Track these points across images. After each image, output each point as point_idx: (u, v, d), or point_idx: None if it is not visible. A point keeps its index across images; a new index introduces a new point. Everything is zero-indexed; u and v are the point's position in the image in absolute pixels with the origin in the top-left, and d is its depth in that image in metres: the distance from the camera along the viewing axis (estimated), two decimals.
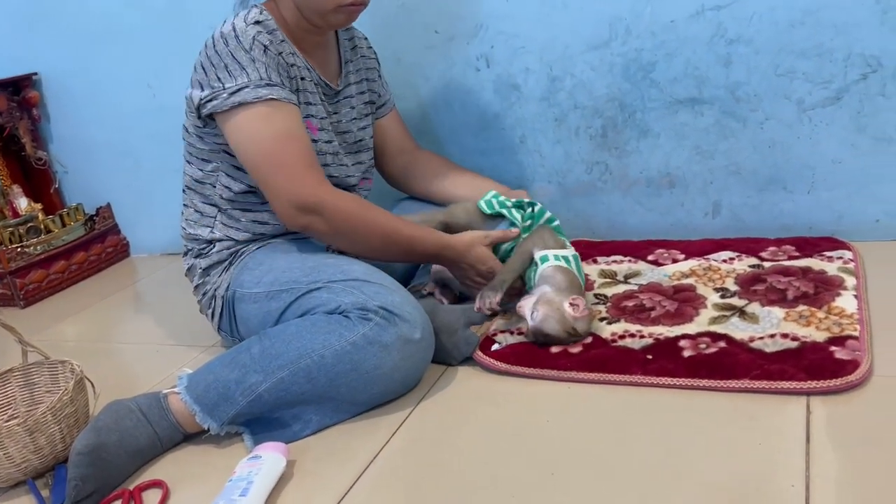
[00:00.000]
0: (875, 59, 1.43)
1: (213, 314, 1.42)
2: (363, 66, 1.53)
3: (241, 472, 1.04)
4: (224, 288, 1.38)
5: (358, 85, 1.51)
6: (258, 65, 1.24)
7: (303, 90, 1.35)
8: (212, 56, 1.25)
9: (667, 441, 1.03)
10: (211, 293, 1.41)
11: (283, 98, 1.25)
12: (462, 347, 1.29)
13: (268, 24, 1.29)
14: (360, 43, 1.54)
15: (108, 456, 1.10)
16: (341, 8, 1.29)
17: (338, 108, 1.45)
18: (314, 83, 1.37)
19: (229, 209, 1.40)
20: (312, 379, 1.15)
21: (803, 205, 1.58)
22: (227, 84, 1.24)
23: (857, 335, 1.17)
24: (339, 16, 1.31)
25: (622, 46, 1.60)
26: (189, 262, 1.46)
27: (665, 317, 1.33)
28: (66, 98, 2.24)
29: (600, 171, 1.72)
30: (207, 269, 1.41)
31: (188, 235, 1.45)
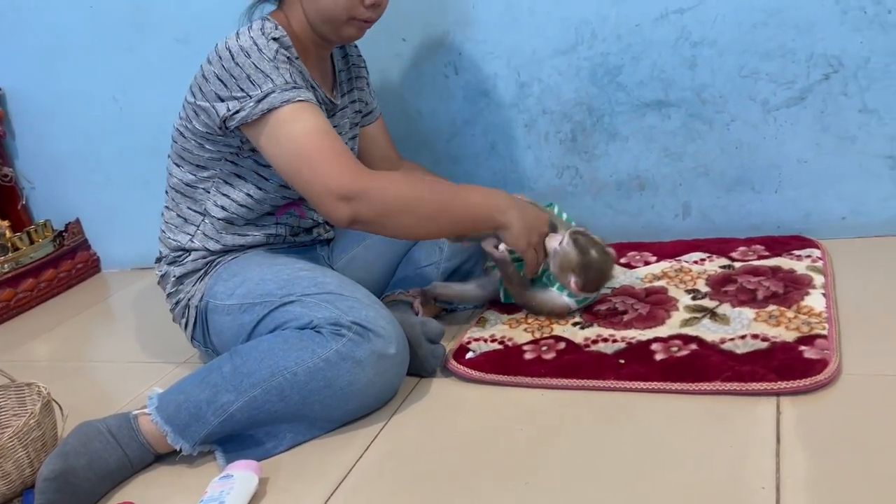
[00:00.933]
0: (836, 59, 1.45)
1: (186, 324, 1.40)
2: (354, 76, 1.52)
3: (213, 492, 1.03)
4: (198, 298, 1.36)
5: (350, 95, 1.49)
6: (282, 71, 1.22)
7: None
8: (232, 68, 1.21)
9: (639, 446, 1.04)
10: (184, 302, 1.39)
11: (311, 99, 1.23)
12: (429, 361, 1.28)
13: (284, 41, 1.27)
14: (350, 51, 1.52)
15: (76, 480, 1.08)
16: (353, 21, 1.28)
17: (337, 122, 1.43)
18: (319, 101, 1.35)
19: (216, 219, 1.38)
20: (285, 397, 1.14)
21: (771, 204, 1.59)
22: (253, 93, 1.20)
23: (825, 334, 1.18)
24: (350, 29, 1.30)
25: (589, 51, 1.60)
26: (162, 269, 1.44)
27: (637, 320, 1.34)
28: (32, 113, 2.21)
29: (571, 176, 1.72)
30: (181, 278, 1.40)
31: (165, 239, 1.43)
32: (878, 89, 1.44)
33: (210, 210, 1.38)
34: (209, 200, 1.38)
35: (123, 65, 2.00)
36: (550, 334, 1.34)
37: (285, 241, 1.45)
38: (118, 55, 2.00)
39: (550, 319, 1.39)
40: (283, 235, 1.44)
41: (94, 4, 1.98)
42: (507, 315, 1.44)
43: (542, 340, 1.33)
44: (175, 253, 1.42)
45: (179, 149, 1.37)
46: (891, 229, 1.52)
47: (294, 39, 1.30)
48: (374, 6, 1.28)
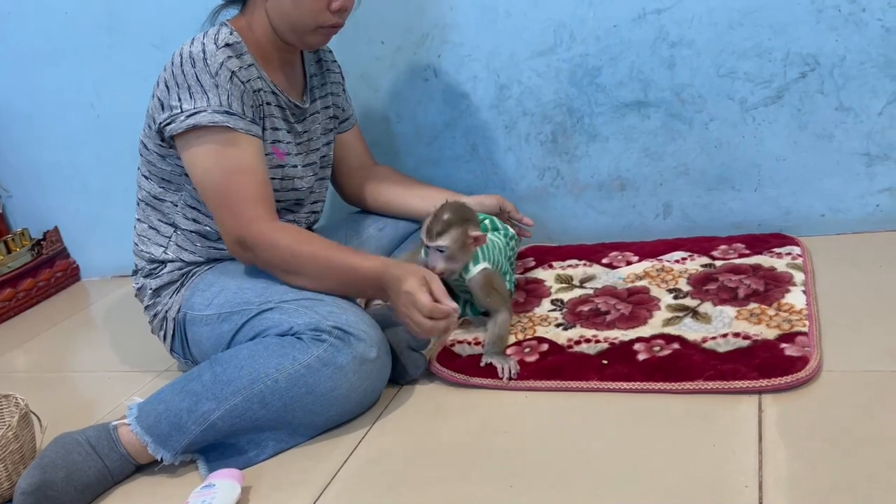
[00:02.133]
0: (812, 57, 1.46)
1: (164, 336, 1.39)
2: (328, 81, 1.51)
3: (194, 501, 1.02)
4: (175, 310, 1.35)
5: (323, 100, 1.49)
6: (221, 91, 1.22)
7: (269, 116, 1.32)
8: (177, 75, 1.23)
9: (622, 446, 1.04)
10: (162, 315, 1.38)
11: (241, 129, 1.23)
12: (410, 370, 1.27)
13: (237, 47, 1.27)
14: (325, 56, 1.52)
15: (54, 493, 1.06)
16: (320, 29, 1.28)
17: (307, 126, 1.43)
18: (280, 106, 1.35)
19: (188, 231, 1.37)
20: (266, 404, 1.13)
21: (751, 202, 1.60)
22: (186, 106, 1.22)
23: (806, 331, 1.19)
24: (316, 37, 1.30)
25: (567, 52, 1.61)
26: (139, 281, 1.42)
27: (620, 320, 1.34)
28: (8, 121, 2.18)
29: (552, 177, 1.72)
30: (158, 290, 1.39)
31: (139, 252, 1.42)
32: (854, 87, 1.45)
33: (180, 223, 1.37)
34: (178, 213, 1.37)
35: (99, 71, 1.98)
36: (533, 335, 1.34)
37: None
38: (94, 61, 1.98)
39: (533, 321, 1.39)
40: None
41: (68, 10, 1.95)
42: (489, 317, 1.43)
43: (525, 342, 1.33)
44: (150, 265, 1.40)
45: (145, 161, 1.37)
46: (868, 226, 1.53)
47: (254, 45, 1.30)
48: (340, 11, 1.27)
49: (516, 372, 1.24)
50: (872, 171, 1.50)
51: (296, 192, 1.40)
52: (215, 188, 1.24)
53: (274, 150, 1.34)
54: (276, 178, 1.35)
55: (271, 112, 1.33)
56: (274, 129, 1.34)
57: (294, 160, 1.39)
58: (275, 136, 1.34)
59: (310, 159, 1.43)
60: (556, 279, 1.55)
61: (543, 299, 1.48)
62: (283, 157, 1.36)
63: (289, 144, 1.37)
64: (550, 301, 1.47)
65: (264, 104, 1.31)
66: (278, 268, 1.25)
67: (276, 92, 1.34)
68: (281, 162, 1.35)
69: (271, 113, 1.33)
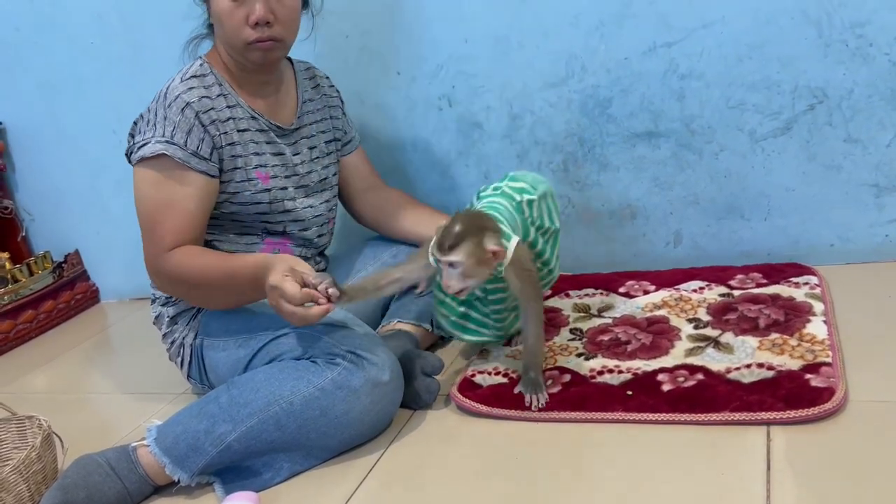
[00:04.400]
0: (820, 90, 1.48)
1: (182, 362, 1.42)
2: (326, 105, 1.54)
3: None
4: (192, 336, 1.38)
5: (319, 124, 1.51)
6: (168, 122, 1.27)
7: (246, 142, 1.35)
8: (144, 111, 1.32)
9: (632, 474, 1.05)
10: (179, 342, 1.41)
11: (180, 158, 1.26)
12: (423, 396, 1.29)
13: (206, 78, 1.33)
14: (322, 82, 1.55)
15: None
16: (249, 45, 1.30)
17: (298, 149, 1.45)
18: (261, 130, 1.38)
19: None
20: (282, 426, 1.15)
21: (761, 231, 1.62)
22: (137, 138, 1.30)
23: (830, 362, 1.19)
24: (253, 53, 1.32)
25: (579, 83, 1.64)
26: (157, 310, 1.46)
27: (641, 350, 1.34)
28: (32, 146, 2.24)
29: (563, 205, 1.75)
30: (175, 318, 1.42)
31: (153, 285, 1.45)
32: (862, 119, 1.48)
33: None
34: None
35: (121, 99, 2.03)
36: (555, 365, 1.35)
37: None
38: (116, 90, 2.04)
39: (553, 350, 1.40)
40: None
41: (94, 41, 2.01)
42: (509, 347, 1.45)
43: (546, 372, 1.33)
44: (166, 294, 1.44)
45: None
46: (878, 256, 1.54)
47: (226, 73, 1.36)
48: (259, 24, 1.28)
49: (545, 402, 1.23)
50: (881, 202, 1.52)
51: (289, 213, 1.42)
52: (144, 217, 1.29)
53: (257, 175, 1.37)
54: (264, 202, 1.38)
55: (251, 138, 1.36)
56: (256, 154, 1.37)
57: (283, 182, 1.41)
58: (258, 160, 1.37)
59: (303, 181, 1.45)
60: (573, 308, 1.57)
61: (562, 328, 1.49)
62: (268, 181, 1.38)
63: (275, 167, 1.40)
64: (569, 330, 1.48)
65: (235, 131, 1.34)
66: (179, 292, 1.30)
67: (255, 116, 1.37)
68: (266, 186, 1.38)
69: (251, 139, 1.36)
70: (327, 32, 1.78)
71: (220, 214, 1.38)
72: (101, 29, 2.00)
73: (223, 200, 1.36)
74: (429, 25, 1.71)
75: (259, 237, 1.42)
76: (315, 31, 1.53)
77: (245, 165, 1.35)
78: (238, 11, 1.28)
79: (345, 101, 1.62)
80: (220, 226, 1.39)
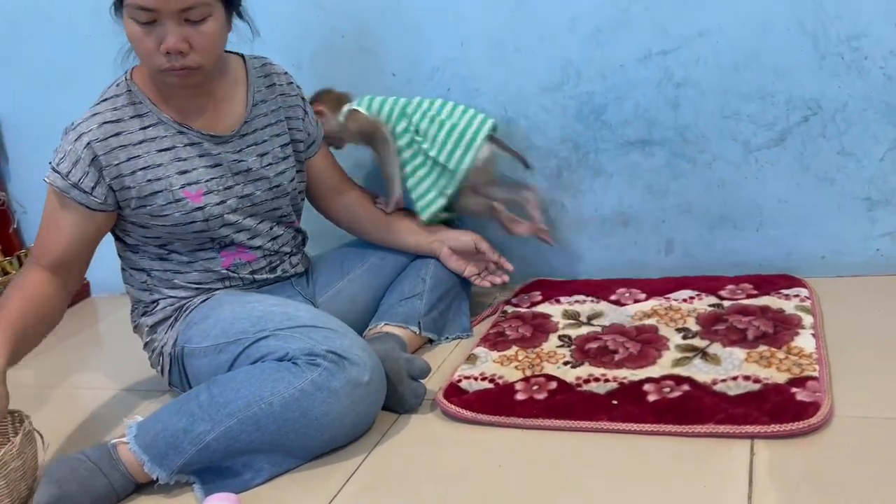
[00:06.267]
0: (815, 101, 1.48)
1: (162, 370, 1.41)
2: (282, 105, 1.44)
3: None
4: (171, 344, 1.37)
5: (273, 127, 1.42)
6: (60, 152, 1.29)
7: (164, 163, 1.31)
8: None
9: (614, 484, 1.05)
10: (159, 350, 1.40)
11: (59, 188, 1.28)
12: (409, 400, 1.29)
13: (118, 99, 1.31)
14: (278, 80, 1.44)
15: None
16: (162, 72, 1.24)
17: (243, 157, 1.37)
18: (191, 143, 1.33)
19: (158, 273, 1.40)
20: (261, 427, 1.14)
21: (753, 242, 1.61)
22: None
23: (816, 376, 1.18)
24: (169, 77, 1.25)
25: (574, 89, 1.63)
26: (136, 320, 1.45)
27: (629, 360, 1.34)
28: (26, 139, 2.23)
29: (556, 210, 1.74)
30: (154, 327, 1.41)
31: (130, 296, 1.45)
32: (856, 133, 1.47)
33: (148, 267, 1.41)
34: (142, 260, 1.41)
35: None
36: (542, 372, 1.34)
37: (244, 284, 1.44)
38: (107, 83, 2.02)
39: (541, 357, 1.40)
40: (240, 279, 1.43)
41: (90, 34, 2.01)
42: (497, 352, 1.44)
43: (532, 379, 1.32)
44: (144, 305, 1.43)
45: None
46: (869, 269, 1.54)
47: (151, 87, 1.32)
48: (170, 54, 1.20)
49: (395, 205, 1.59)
50: (874, 216, 1.51)
51: (231, 226, 1.37)
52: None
53: (185, 195, 1.32)
54: (199, 220, 1.33)
55: (177, 155, 1.31)
56: (182, 173, 1.32)
57: (223, 195, 1.35)
58: (185, 178, 1.32)
59: (247, 190, 1.38)
60: (563, 315, 1.56)
61: (551, 334, 1.49)
62: (200, 199, 1.33)
63: (211, 181, 1.34)
64: (558, 336, 1.47)
65: (154, 152, 1.30)
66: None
67: (182, 130, 1.32)
68: (198, 204, 1.32)
69: (177, 156, 1.31)
70: (322, 32, 1.78)
71: (163, 236, 1.36)
72: (97, 23, 1.99)
73: (155, 224, 1.33)
74: (425, 27, 1.70)
75: (213, 250, 1.40)
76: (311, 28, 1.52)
77: (168, 187, 1.31)
78: (148, 39, 1.20)
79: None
80: (168, 245, 1.38)
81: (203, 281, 1.40)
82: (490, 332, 1.55)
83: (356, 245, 1.65)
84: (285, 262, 1.49)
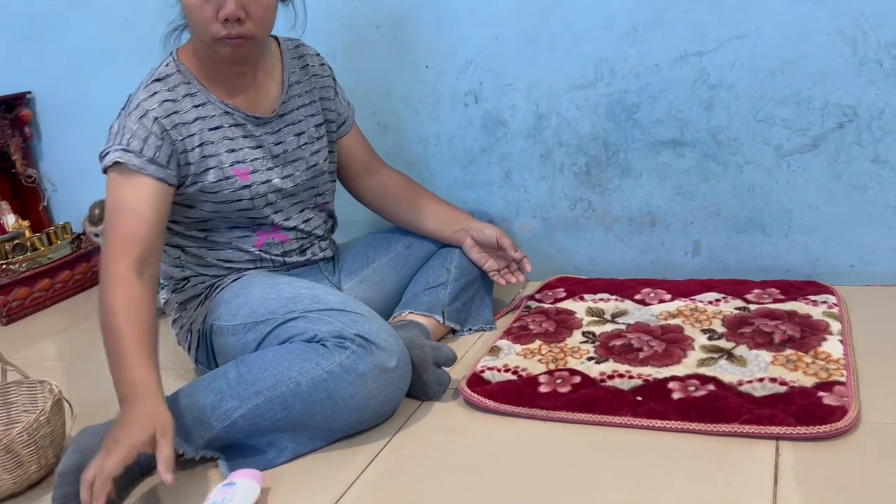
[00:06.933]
0: (851, 109, 1.47)
1: (189, 347, 1.43)
2: (316, 86, 1.48)
3: (215, 498, 1.05)
4: (200, 321, 1.39)
5: (308, 107, 1.46)
6: (126, 131, 1.26)
7: (214, 141, 1.33)
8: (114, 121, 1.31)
9: (635, 479, 1.05)
10: (187, 327, 1.42)
11: (135, 166, 1.25)
12: (433, 387, 1.29)
13: (171, 79, 1.32)
14: (311, 61, 1.49)
15: None
16: (217, 40, 1.26)
17: (282, 137, 1.41)
18: (237, 124, 1.36)
19: (193, 249, 1.42)
20: (287, 406, 1.15)
21: (781, 247, 1.61)
22: (104, 149, 1.28)
23: (844, 381, 1.18)
24: (222, 48, 1.27)
25: (607, 87, 1.63)
26: (165, 296, 1.47)
27: (653, 358, 1.34)
28: (59, 118, 2.26)
29: (583, 208, 1.74)
30: (184, 304, 1.43)
31: (163, 273, 1.46)
32: (891, 141, 1.46)
33: (181, 244, 1.42)
34: (178, 237, 1.42)
35: None
36: (565, 366, 1.35)
37: (275, 265, 1.46)
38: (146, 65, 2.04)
39: (564, 352, 1.40)
40: (271, 260, 1.45)
41: (127, 16, 2.03)
42: (520, 345, 1.45)
43: (556, 372, 1.33)
44: (174, 282, 1.45)
45: None
46: None
47: (198, 68, 1.33)
48: (228, 21, 1.23)
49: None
50: None
51: (272, 206, 1.40)
52: (106, 221, 1.27)
53: (235, 172, 1.35)
54: (245, 199, 1.36)
55: (225, 134, 1.34)
56: (231, 151, 1.35)
57: (266, 175, 1.38)
58: (234, 157, 1.35)
59: (287, 171, 1.41)
60: (587, 312, 1.56)
61: (575, 330, 1.49)
62: (247, 177, 1.36)
63: (255, 161, 1.37)
64: (582, 333, 1.47)
65: (206, 130, 1.32)
66: (100, 314, 1.22)
67: (228, 111, 1.35)
68: (245, 182, 1.36)
69: (225, 136, 1.34)
70: (359, 23, 1.79)
71: (205, 214, 1.38)
72: (134, 5, 2.02)
73: (203, 200, 1.35)
74: (460, 21, 1.71)
75: (250, 230, 1.42)
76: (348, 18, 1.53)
77: (220, 164, 1.34)
78: (207, 6, 1.22)
79: (371, 92, 1.61)
80: (208, 222, 1.39)
81: (235, 259, 1.42)
82: (513, 325, 1.55)
83: (382, 233, 1.65)
84: (315, 245, 1.51)
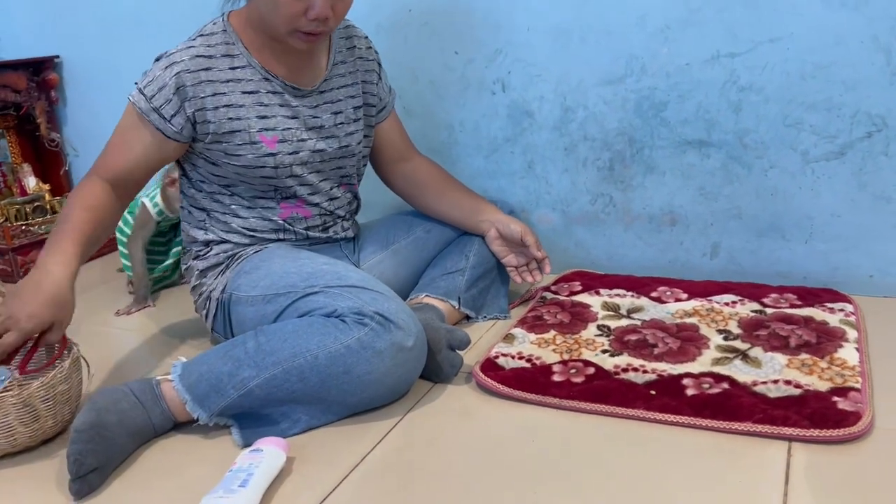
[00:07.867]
0: (881, 118, 1.47)
1: (207, 315, 1.44)
2: (360, 69, 1.48)
3: (242, 463, 1.06)
4: (220, 290, 1.40)
5: (349, 88, 1.46)
6: (150, 76, 1.32)
7: (246, 104, 1.34)
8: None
9: (645, 471, 1.05)
10: (206, 294, 1.43)
11: (141, 110, 1.31)
12: (446, 369, 1.30)
13: (214, 37, 1.34)
14: (358, 43, 1.49)
15: (108, 434, 1.10)
16: (296, 33, 1.27)
17: (318, 113, 1.42)
18: (274, 91, 1.37)
19: (218, 214, 1.43)
20: (304, 378, 1.16)
21: (800, 254, 1.60)
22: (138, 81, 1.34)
23: (858, 387, 1.18)
24: (294, 40, 1.28)
25: (636, 84, 1.63)
26: (187, 262, 1.48)
27: (668, 354, 1.34)
28: (86, 84, 2.27)
29: (604, 203, 1.74)
30: (204, 271, 1.44)
31: (187, 236, 1.48)
32: None
33: (211, 207, 1.43)
34: (206, 198, 1.43)
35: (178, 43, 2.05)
36: (579, 357, 1.35)
37: (297, 239, 1.47)
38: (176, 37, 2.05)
39: (579, 343, 1.40)
40: (294, 233, 1.46)
41: None
42: (535, 335, 1.45)
43: (570, 362, 1.33)
44: (198, 247, 1.46)
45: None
46: None
47: (247, 34, 1.35)
48: (318, 20, 1.24)
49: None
50: None
51: (296, 178, 1.41)
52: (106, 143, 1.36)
53: (262, 139, 1.35)
54: (269, 167, 1.37)
55: (260, 100, 1.35)
56: (262, 118, 1.35)
57: (296, 146, 1.38)
58: (263, 123, 1.35)
59: (319, 146, 1.41)
60: (602, 306, 1.56)
61: (590, 323, 1.49)
62: (274, 146, 1.36)
63: (287, 131, 1.37)
64: (597, 326, 1.48)
65: (238, 93, 1.33)
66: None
67: (268, 77, 1.36)
68: (271, 150, 1.36)
69: (259, 101, 1.35)
70: (392, 5, 1.79)
71: (230, 176, 1.39)
72: None
73: (226, 163, 1.36)
74: (493, 10, 1.71)
75: (274, 200, 1.43)
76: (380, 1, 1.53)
77: (247, 128, 1.34)
78: (297, 3, 1.23)
79: (399, 76, 1.61)
80: (233, 187, 1.40)
81: (259, 229, 1.43)
82: (528, 315, 1.55)
83: (403, 216, 1.66)
84: (338, 224, 1.51)
